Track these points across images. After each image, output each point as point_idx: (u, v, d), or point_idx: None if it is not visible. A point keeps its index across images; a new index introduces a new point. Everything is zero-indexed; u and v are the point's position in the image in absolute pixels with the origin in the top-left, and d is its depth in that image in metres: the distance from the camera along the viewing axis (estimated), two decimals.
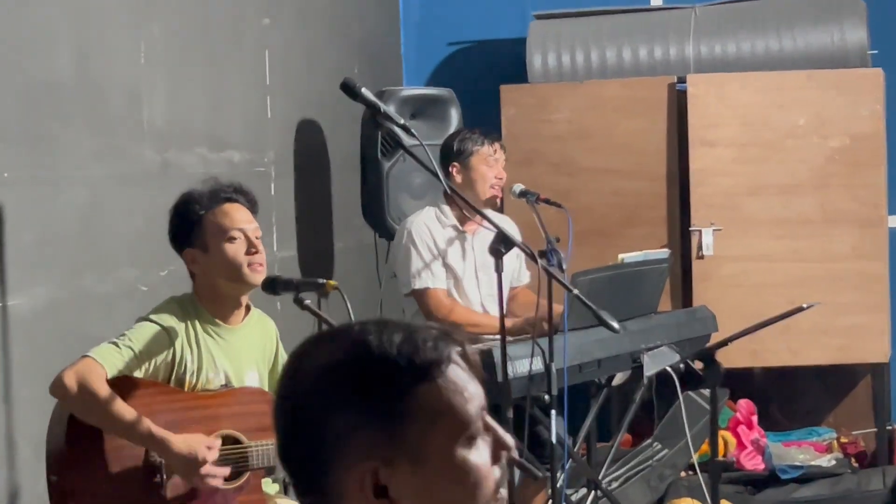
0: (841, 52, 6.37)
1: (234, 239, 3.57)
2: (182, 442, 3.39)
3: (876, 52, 6.41)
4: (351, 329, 1.58)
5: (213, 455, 3.42)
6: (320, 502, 1.53)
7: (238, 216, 3.60)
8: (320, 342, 1.60)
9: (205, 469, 3.40)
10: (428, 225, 5.06)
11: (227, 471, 3.47)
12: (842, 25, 6.38)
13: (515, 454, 1.59)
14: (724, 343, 4.03)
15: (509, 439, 1.58)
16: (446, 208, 5.09)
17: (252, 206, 3.65)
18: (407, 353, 1.52)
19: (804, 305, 4.08)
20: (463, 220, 5.05)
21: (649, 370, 4.66)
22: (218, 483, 3.44)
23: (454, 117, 6.00)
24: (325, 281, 3.51)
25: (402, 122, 3.68)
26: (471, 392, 1.55)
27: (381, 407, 1.50)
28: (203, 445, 3.41)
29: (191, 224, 3.59)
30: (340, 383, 1.51)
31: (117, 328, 3.62)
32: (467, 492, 1.53)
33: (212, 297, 3.62)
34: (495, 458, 1.57)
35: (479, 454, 1.55)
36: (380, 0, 7.02)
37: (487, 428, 1.57)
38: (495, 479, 1.56)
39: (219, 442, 3.47)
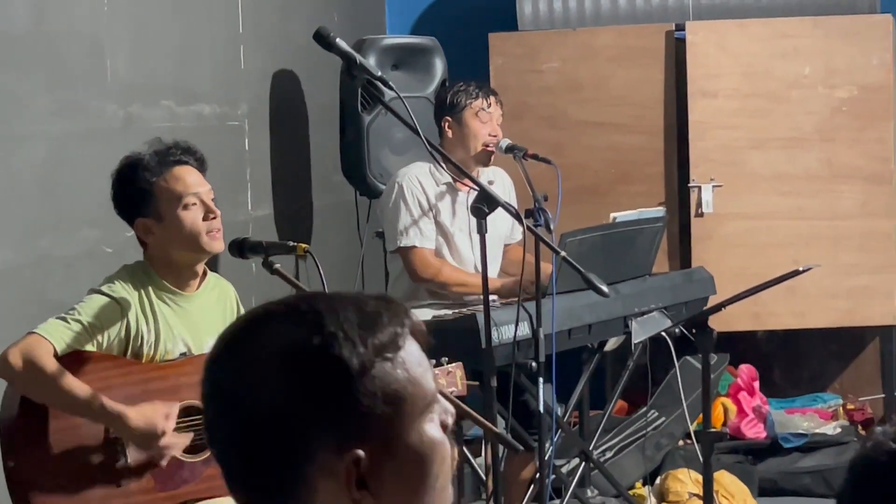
0: None
1: (190, 205, 3.55)
2: (138, 414, 3.38)
3: None
4: (303, 312, 1.54)
5: (172, 424, 3.42)
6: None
7: (191, 180, 3.57)
8: (268, 331, 1.54)
9: (164, 441, 3.41)
10: (420, 180, 5.02)
11: (188, 438, 3.47)
12: None
13: (451, 418, 1.59)
14: (717, 308, 4.03)
15: (449, 405, 1.59)
16: (443, 164, 5.05)
17: (202, 165, 3.63)
18: (367, 333, 1.51)
19: (800, 269, 4.06)
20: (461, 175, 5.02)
21: (638, 337, 4.65)
22: (178, 453, 3.44)
23: (439, 68, 5.96)
24: (295, 244, 3.49)
25: (378, 74, 3.66)
26: (425, 363, 1.57)
27: (347, 396, 1.49)
28: (160, 415, 3.40)
29: (141, 192, 3.55)
30: (303, 376, 1.49)
31: (80, 292, 3.61)
32: (436, 467, 1.55)
33: (167, 267, 3.60)
34: (443, 427, 1.58)
35: (436, 427, 1.56)
36: None
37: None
38: (451, 450, 1.58)
39: (176, 409, 3.46)
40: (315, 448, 1.49)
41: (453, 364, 3.91)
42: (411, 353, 1.55)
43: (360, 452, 1.49)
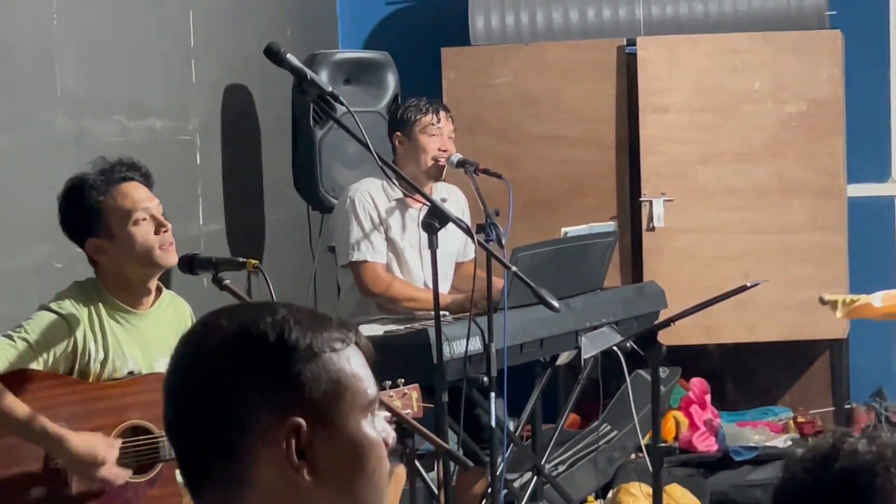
0: (798, 12, 6.38)
1: (140, 221, 3.54)
2: (81, 440, 3.36)
3: (834, 12, 6.42)
4: (259, 303, 1.69)
5: (114, 454, 3.40)
6: (226, 473, 1.59)
7: (139, 195, 3.57)
8: (227, 314, 1.66)
9: (104, 470, 3.38)
10: (372, 194, 5.02)
11: (128, 473, 3.45)
12: None
13: (392, 440, 1.69)
14: (666, 323, 4.04)
15: (390, 430, 1.69)
16: (395, 180, 5.05)
17: (148, 181, 3.62)
18: (316, 327, 1.63)
19: (748, 284, 4.08)
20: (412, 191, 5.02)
21: (588, 352, 4.67)
22: (119, 483, 3.41)
23: (391, 82, 5.96)
24: (245, 260, 3.49)
25: (329, 89, 3.66)
26: (368, 372, 1.67)
27: (291, 370, 1.59)
28: (103, 444, 3.39)
29: (90, 212, 3.54)
30: (251, 350, 1.60)
31: (30, 307, 3.59)
32: (373, 462, 1.64)
33: (120, 284, 3.59)
34: (384, 444, 1.68)
35: (376, 432, 1.66)
36: None
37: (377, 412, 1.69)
38: (388, 461, 1.67)
39: (119, 442, 3.44)
40: (256, 413, 1.58)
41: (409, 385, 3.91)
42: (356, 356, 1.66)
43: (301, 421, 1.58)
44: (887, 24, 6.83)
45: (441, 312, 4.19)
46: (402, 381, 3.90)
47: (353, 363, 1.64)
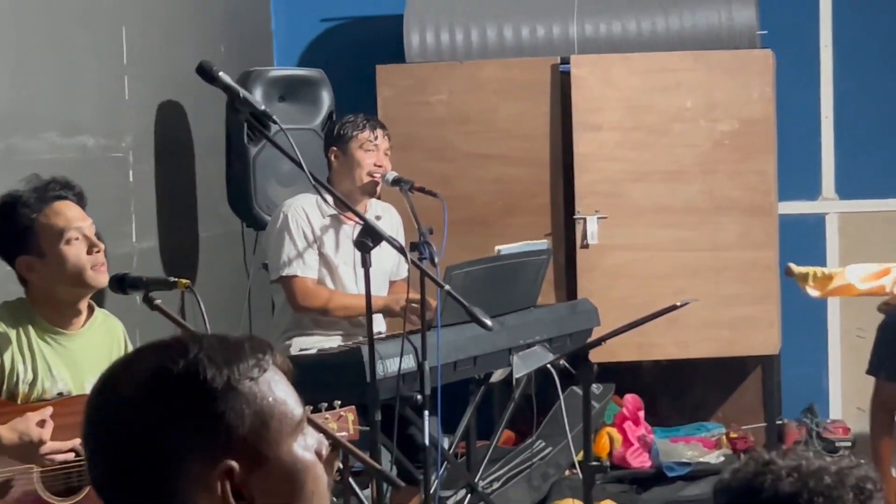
0: (729, 32, 6.43)
1: (73, 240, 3.51)
2: (9, 430, 3.34)
3: (765, 32, 6.48)
4: (168, 343, 1.64)
5: (48, 431, 3.36)
6: None
7: (71, 214, 3.54)
8: (137, 361, 1.63)
9: (45, 448, 3.35)
10: (306, 210, 5.02)
11: (72, 444, 3.40)
12: (730, 4, 6.44)
13: (326, 450, 1.68)
14: (597, 342, 4.06)
15: (323, 438, 1.68)
16: (329, 197, 5.04)
17: (81, 200, 3.60)
18: (230, 357, 1.60)
19: (678, 303, 4.11)
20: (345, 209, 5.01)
21: (519, 371, 4.68)
22: (66, 457, 3.38)
23: (326, 99, 5.96)
24: (176, 279, 3.47)
25: (261, 108, 3.66)
26: (290, 391, 1.65)
27: (214, 412, 1.56)
28: (33, 424, 3.36)
29: (21, 230, 3.51)
30: (169, 399, 1.57)
31: None
32: (310, 485, 1.63)
33: (49, 304, 3.56)
34: (318, 455, 1.67)
35: (308, 450, 1.65)
36: None
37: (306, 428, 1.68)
38: (325, 477, 1.67)
39: (49, 410, 3.40)
40: (187, 462, 1.55)
41: (345, 408, 3.89)
42: (275, 379, 1.64)
43: (233, 463, 1.56)
44: (818, 44, 6.92)
45: (376, 332, 4.18)
46: (339, 403, 3.89)
47: (273, 388, 1.62)
